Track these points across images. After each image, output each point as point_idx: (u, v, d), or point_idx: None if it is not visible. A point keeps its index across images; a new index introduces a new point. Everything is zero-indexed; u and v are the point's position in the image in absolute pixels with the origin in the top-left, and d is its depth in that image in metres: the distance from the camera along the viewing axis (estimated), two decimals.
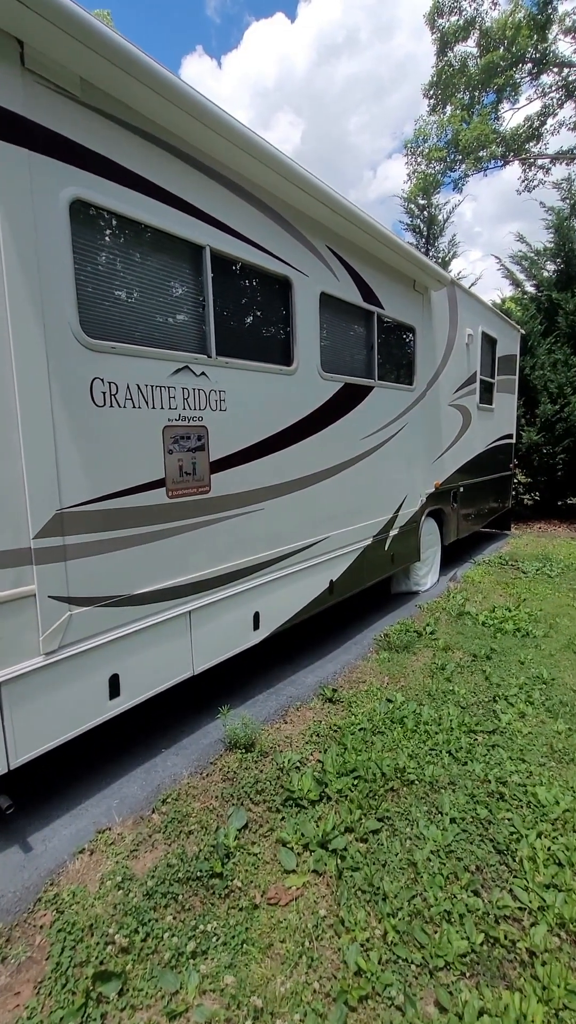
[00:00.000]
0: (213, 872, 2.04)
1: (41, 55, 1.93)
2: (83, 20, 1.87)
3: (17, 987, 1.65)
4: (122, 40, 2.00)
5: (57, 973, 1.67)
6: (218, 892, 1.97)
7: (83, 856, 2.12)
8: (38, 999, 1.60)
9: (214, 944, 1.78)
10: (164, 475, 2.55)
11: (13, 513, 1.98)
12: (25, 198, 1.93)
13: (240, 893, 1.98)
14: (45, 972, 1.68)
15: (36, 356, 2.00)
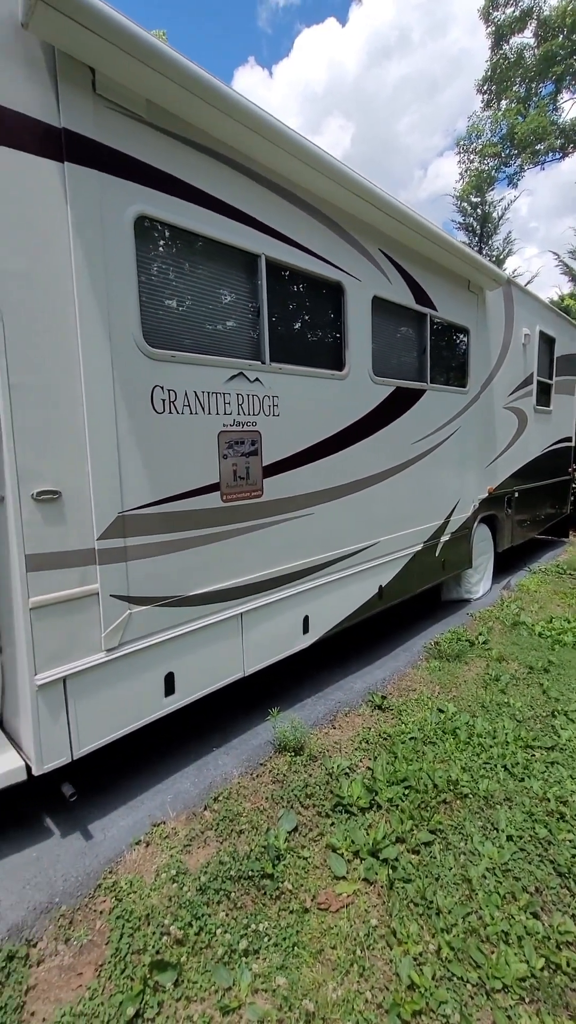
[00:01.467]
0: (264, 873, 2.06)
1: (110, 80, 2.03)
2: (150, 44, 1.95)
3: (80, 968, 1.73)
4: (185, 60, 2.08)
5: (116, 958, 1.73)
6: (269, 893, 1.99)
7: (139, 847, 2.19)
8: (99, 981, 1.67)
9: (266, 944, 1.80)
10: (219, 479, 2.61)
11: (80, 515, 2.08)
12: (95, 217, 2.04)
13: (290, 896, 1.99)
14: (105, 956, 1.75)
15: (102, 366, 2.10)
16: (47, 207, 1.91)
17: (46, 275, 1.93)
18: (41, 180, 1.89)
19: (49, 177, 1.91)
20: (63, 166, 1.93)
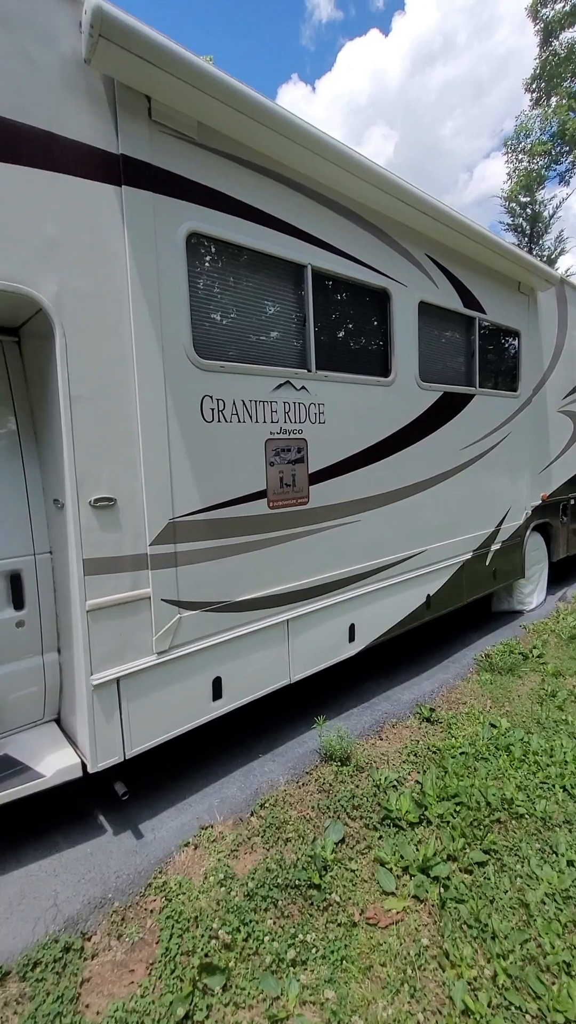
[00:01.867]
0: (311, 883, 2.04)
1: (165, 106, 2.12)
2: (203, 70, 2.03)
3: (131, 964, 1.76)
4: (235, 82, 2.15)
5: (166, 958, 1.75)
6: (316, 904, 1.97)
7: (188, 849, 2.22)
8: (150, 979, 1.70)
9: (313, 956, 1.78)
10: (265, 486, 2.65)
11: (134, 521, 2.16)
12: (149, 236, 2.13)
13: (338, 908, 1.96)
14: (156, 955, 1.78)
15: (155, 378, 2.18)
16: (106, 229, 2.02)
17: (104, 293, 2.03)
18: (101, 204, 2.00)
19: (108, 201, 2.01)
20: (121, 190, 2.04)
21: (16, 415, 2.21)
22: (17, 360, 2.25)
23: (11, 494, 2.17)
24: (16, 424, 2.21)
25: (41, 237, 1.86)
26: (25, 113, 1.80)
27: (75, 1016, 1.58)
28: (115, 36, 1.81)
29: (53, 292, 1.89)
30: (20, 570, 2.17)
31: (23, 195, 1.82)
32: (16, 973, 1.69)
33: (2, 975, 1.68)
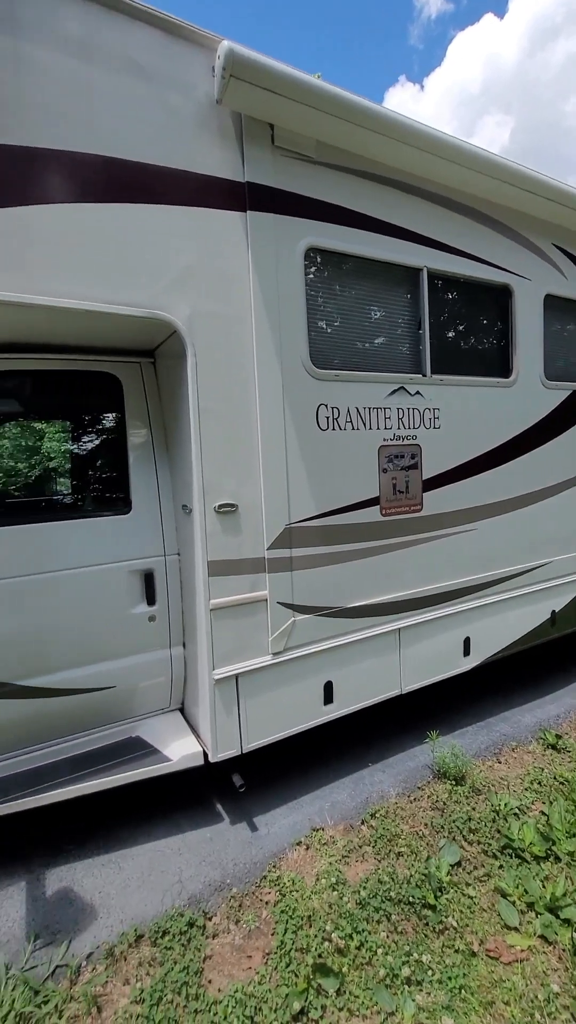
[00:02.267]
0: (425, 902, 1.98)
1: (286, 131, 2.23)
2: (323, 91, 2.10)
3: (249, 951, 1.84)
4: (352, 97, 2.19)
5: (282, 951, 1.81)
6: (431, 925, 1.90)
7: (299, 849, 2.26)
8: (266, 968, 1.76)
9: (429, 978, 1.72)
10: (378, 493, 2.63)
11: (254, 526, 2.27)
12: (270, 255, 2.24)
13: (455, 934, 1.88)
14: (271, 946, 1.84)
15: (274, 389, 2.28)
16: (232, 253, 2.16)
17: (230, 313, 2.17)
18: (228, 230, 2.14)
19: (234, 226, 2.16)
20: (246, 215, 2.17)
21: (151, 429, 2.44)
22: (152, 379, 2.48)
23: (146, 500, 2.40)
24: (151, 437, 2.44)
25: (177, 266, 2.05)
26: (166, 157, 2.00)
27: (199, 988, 1.69)
28: (245, 74, 1.94)
29: (186, 315, 2.07)
30: (153, 569, 2.39)
31: (163, 230, 2.01)
32: (148, 938, 1.85)
33: (136, 937, 1.85)
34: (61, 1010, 1.62)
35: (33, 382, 2.28)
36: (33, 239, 1.78)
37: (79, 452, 2.77)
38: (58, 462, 3.33)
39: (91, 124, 1.86)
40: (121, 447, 2.40)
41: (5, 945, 1.83)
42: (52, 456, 3.40)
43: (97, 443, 2.70)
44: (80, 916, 1.94)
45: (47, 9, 1.73)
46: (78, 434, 2.79)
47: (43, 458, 3.42)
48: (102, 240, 1.90)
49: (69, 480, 3.02)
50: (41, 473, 3.34)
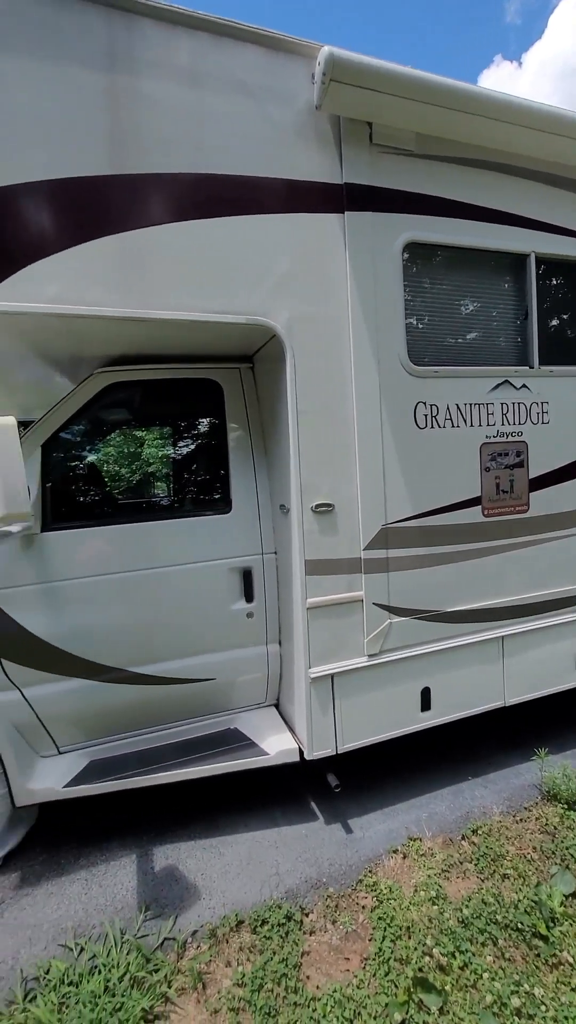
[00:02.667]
0: (536, 931, 1.84)
1: (386, 127, 2.20)
2: (423, 82, 2.06)
3: (346, 952, 1.83)
4: (453, 83, 2.12)
5: (380, 959, 1.77)
6: (543, 957, 1.77)
7: (396, 857, 2.21)
8: (364, 973, 1.74)
9: (542, 1013, 1.60)
10: (480, 493, 2.51)
11: (350, 526, 2.27)
12: (367, 254, 2.23)
13: (571, 970, 1.73)
14: (369, 951, 1.82)
15: (371, 389, 2.26)
16: (330, 255, 2.18)
17: (327, 314, 2.19)
18: (326, 233, 2.17)
19: (332, 229, 2.17)
20: (343, 216, 2.18)
21: (250, 431, 2.53)
22: (251, 383, 2.57)
23: (245, 501, 2.48)
24: (250, 439, 2.52)
25: (276, 272, 2.10)
26: (266, 168, 2.06)
27: (297, 982, 1.71)
28: (344, 76, 1.95)
29: (285, 320, 2.12)
30: (251, 567, 2.47)
31: (263, 239, 2.08)
32: (248, 925, 1.91)
33: (237, 922, 1.91)
34: (169, 980, 1.72)
35: (144, 391, 2.46)
36: (146, 259, 1.92)
37: (182, 456, 2.94)
38: (162, 465, 3.55)
39: (198, 145, 1.97)
40: (222, 450, 2.51)
41: (120, 911, 1.98)
42: (156, 460, 3.63)
43: (199, 447, 2.85)
44: (184, 894, 2.05)
45: (162, 44, 1.87)
46: (181, 438, 2.96)
47: (148, 462, 3.67)
48: (207, 254, 2.00)
49: (173, 482, 3.21)
50: (147, 476, 3.59)
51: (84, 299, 1.82)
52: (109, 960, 1.76)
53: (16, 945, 1.85)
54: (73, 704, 2.26)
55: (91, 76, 1.80)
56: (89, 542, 2.28)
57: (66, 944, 1.84)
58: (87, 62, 1.79)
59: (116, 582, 2.29)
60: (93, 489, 2.56)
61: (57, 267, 1.79)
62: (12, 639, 2.12)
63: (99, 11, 1.79)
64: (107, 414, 2.45)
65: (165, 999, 1.66)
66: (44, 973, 1.73)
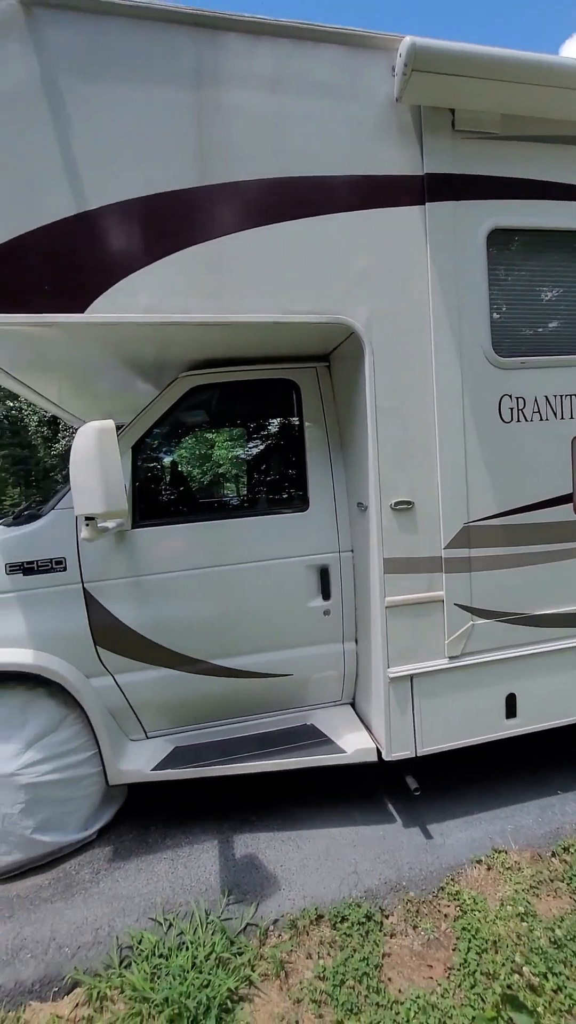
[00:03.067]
0: None
1: (469, 112, 2.13)
2: (508, 60, 1.97)
3: (429, 959, 1.79)
4: (550, 58, 2.01)
5: (466, 970, 1.72)
6: None
7: (480, 868, 2.13)
8: (448, 983, 1.69)
9: None
10: (572, 490, 2.36)
11: (429, 524, 2.22)
12: (449, 244, 2.17)
13: None
14: (453, 961, 1.76)
15: (453, 383, 2.20)
16: (410, 248, 2.14)
17: (407, 308, 2.16)
18: (406, 226, 2.13)
19: (412, 221, 2.14)
20: (424, 207, 2.13)
21: (327, 429, 2.54)
22: (328, 382, 2.58)
23: (322, 498, 2.50)
24: (327, 437, 2.54)
25: (355, 269, 2.10)
26: (345, 166, 2.07)
27: (379, 983, 1.69)
28: (426, 64, 1.92)
29: (364, 317, 2.11)
30: (328, 565, 2.48)
31: (341, 237, 2.08)
32: (328, 920, 1.92)
33: (317, 916, 1.93)
34: (253, 964, 1.76)
35: (225, 392, 2.54)
36: (229, 265, 1.99)
37: (260, 454, 3.01)
38: (241, 464, 3.65)
39: (278, 150, 2.01)
40: (299, 448, 2.54)
41: (204, 893, 2.06)
42: (235, 459, 3.75)
43: (277, 445, 2.90)
44: (265, 883, 2.10)
45: (245, 55, 1.93)
46: (259, 438, 3.04)
47: (228, 462, 3.80)
48: (286, 256, 2.03)
49: (252, 480, 3.29)
50: (227, 475, 3.71)
51: (173, 307, 1.92)
52: (196, 938, 1.84)
53: (111, 914, 1.98)
54: (160, 692, 2.38)
55: (180, 95, 1.89)
56: (173, 539, 2.39)
57: (155, 918, 1.94)
58: (176, 82, 1.88)
59: (198, 577, 2.38)
60: (177, 488, 2.69)
61: (149, 278, 1.90)
62: (107, 628, 2.28)
63: (186, 32, 1.88)
64: (190, 416, 2.57)
65: (249, 982, 1.71)
66: (137, 943, 1.84)
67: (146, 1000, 1.63)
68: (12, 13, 1.74)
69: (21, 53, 1.76)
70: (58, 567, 2.24)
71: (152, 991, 1.65)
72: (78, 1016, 1.64)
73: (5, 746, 2.12)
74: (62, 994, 1.71)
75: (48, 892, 2.10)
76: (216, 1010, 1.59)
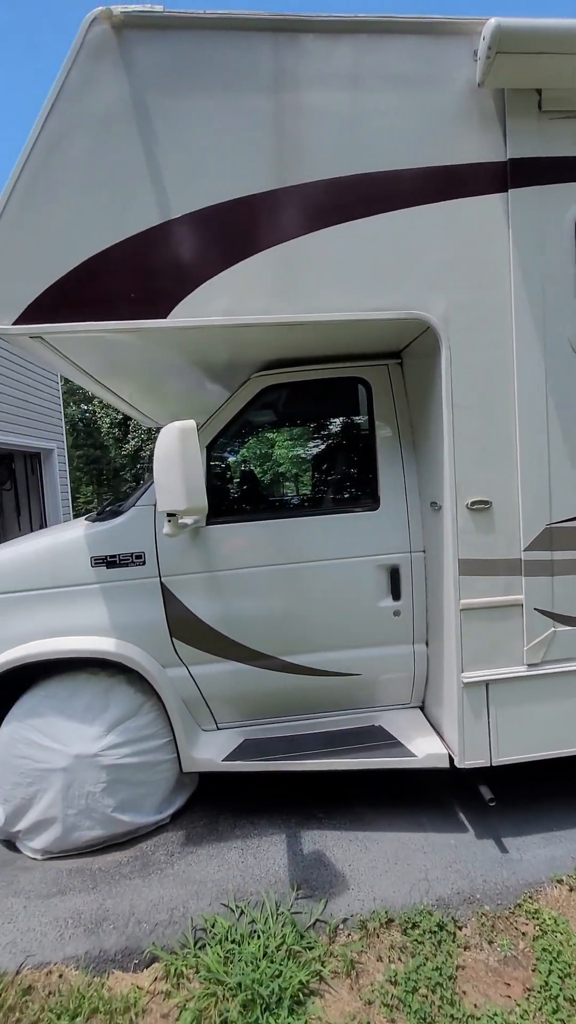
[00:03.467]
0: None
1: (556, 91, 2.03)
2: None
3: (506, 977, 1.72)
4: None
5: (547, 994, 1.64)
6: None
7: (561, 887, 2.02)
8: (528, 1004, 1.62)
9: None
10: None
11: (508, 525, 2.13)
12: (533, 231, 2.07)
13: None
14: (532, 983, 1.69)
15: (536, 378, 2.10)
16: (490, 237, 2.06)
17: (487, 301, 2.08)
18: (487, 215, 2.06)
19: (493, 209, 2.06)
20: (507, 194, 2.05)
21: (398, 427, 2.50)
22: (399, 379, 2.54)
23: (393, 497, 2.46)
24: (398, 435, 2.50)
25: (432, 263, 2.05)
26: (423, 158, 2.02)
27: (453, 995, 1.65)
28: (513, 46, 1.84)
29: (441, 311, 2.06)
30: (399, 565, 2.44)
31: (418, 230, 2.04)
32: (399, 924, 1.89)
33: (387, 920, 1.90)
34: (323, 961, 1.77)
35: (296, 392, 2.57)
36: (304, 264, 2.00)
37: (330, 453, 3.01)
38: (311, 463, 3.67)
39: (354, 147, 2.00)
40: (370, 447, 2.52)
41: (274, 885, 2.09)
42: (305, 458, 3.77)
43: (347, 444, 2.89)
44: (333, 881, 2.10)
45: (323, 55, 1.93)
46: (329, 436, 3.04)
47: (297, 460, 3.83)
48: (361, 253, 2.02)
49: (322, 479, 3.30)
50: (296, 473, 3.74)
51: (251, 309, 1.97)
52: (267, 928, 1.87)
53: (185, 896, 2.06)
54: (231, 685, 2.44)
55: (258, 100, 1.93)
56: (245, 536, 2.44)
57: (228, 904, 2.00)
58: (255, 88, 1.92)
59: (268, 574, 2.42)
60: (248, 486, 2.74)
61: (228, 281, 1.95)
62: (182, 621, 2.36)
63: (266, 37, 1.91)
64: (262, 415, 2.61)
65: (319, 977, 1.72)
66: (210, 926, 1.90)
67: (220, 983, 1.68)
68: (105, 37, 1.84)
69: (113, 75, 1.86)
70: (137, 561, 2.35)
71: (226, 975, 1.70)
72: (157, 990, 1.72)
73: (89, 728, 2.25)
74: (142, 967, 1.80)
75: (127, 869, 2.21)
76: (288, 1001, 1.61)
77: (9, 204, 1.88)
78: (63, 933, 1.93)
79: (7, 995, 1.69)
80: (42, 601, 2.33)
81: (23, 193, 1.88)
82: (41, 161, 1.87)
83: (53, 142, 1.86)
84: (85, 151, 1.88)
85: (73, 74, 1.85)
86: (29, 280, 1.91)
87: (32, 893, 2.11)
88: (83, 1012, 1.63)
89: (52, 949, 1.87)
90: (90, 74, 1.86)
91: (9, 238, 1.90)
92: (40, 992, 1.71)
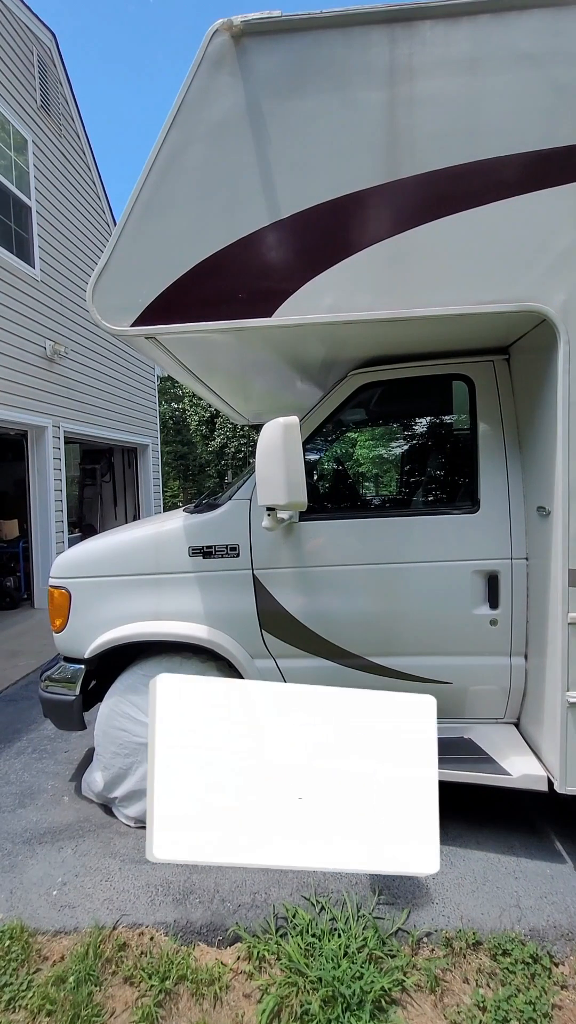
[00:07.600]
0: None
1: None
2: None
3: None
4: None
5: None
6: None
7: None
8: None
9: None
10: None
11: None
12: None
13: None
14: None
15: None
16: None
17: None
18: None
19: None
20: None
21: (502, 427, 2.37)
22: (506, 376, 2.40)
23: (494, 501, 2.34)
24: (502, 436, 2.36)
25: (552, 251, 1.91)
26: (546, 139, 1.89)
27: None
28: None
29: (561, 302, 1.92)
30: (498, 572, 2.31)
31: (536, 217, 1.91)
32: (487, 949, 1.80)
33: (475, 942, 1.82)
34: (405, 971, 1.73)
35: (395, 389, 2.52)
36: (411, 259, 1.95)
37: (428, 452, 2.93)
38: (408, 462, 3.59)
39: (472, 133, 1.91)
40: (471, 446, 2.41)
41: (354, 886, 2.07)
42: (402, 457, 3.69)
43: (447, 443, 2.79)
44: (417, 892, 2.04)
45: (440, 41, 1.87)
46: (428, 435, 2.95)
47: (394, 459, 3.76)
48: (473, 244, 1.93)
49: (418, 478, 3.21)
50: (393, 472, 3.67)
51: (356, 305, 1.95)
52: (347, 928, 1.86)
53: (267, 883, 2.10)
54: (317, 682, 2.44)
55: (371, 94, 1.91)
56: (337, 533, 2.44)
57: (309, 898, 2.01)
58: (368, 82, 1.90)
59: (360, 573, 2.40)
60: (342, 484, 2.74)
61: (333, 278, 1.95)
62: (272, 614, 2.41)
63: (382, 30, 1.88)
64: (359, 413, 2.59)
65: (402, 987, 1.68)
66: (291, 916, 1.92)
67: (301, 974, 1.70)
68: (225, 48, 1.91)
69: (231, 84, 1.93)
70: (232, 553, 2.43)
71: (307, 967, 1.71)
72: (239, 969, 1.77)
73: None
74: (225, 944, 1.87)
75: None
76: (370, 1005, 1.59)
77: (132, 214, 2.01)
78: (154, 899, 2.04)
79: (105, 947, 1.83)
80: (144, 586, 2.48)
81: (145, 204, 2.00)
82: (162, 171, 1.98)
83: (174, 152, 1.97)
84: (202, 159, 1.97)
85: (194, 86, 1.94)
86: (146, 285, 2.03)
87: (127, 857, 2.26)
88: (172, 976, 1.72)
89: (144, 912, 1.99)
90: (209, 84, 1.94)
91: (131, 246, 2.03)
92: (134, 950, 1.83)
